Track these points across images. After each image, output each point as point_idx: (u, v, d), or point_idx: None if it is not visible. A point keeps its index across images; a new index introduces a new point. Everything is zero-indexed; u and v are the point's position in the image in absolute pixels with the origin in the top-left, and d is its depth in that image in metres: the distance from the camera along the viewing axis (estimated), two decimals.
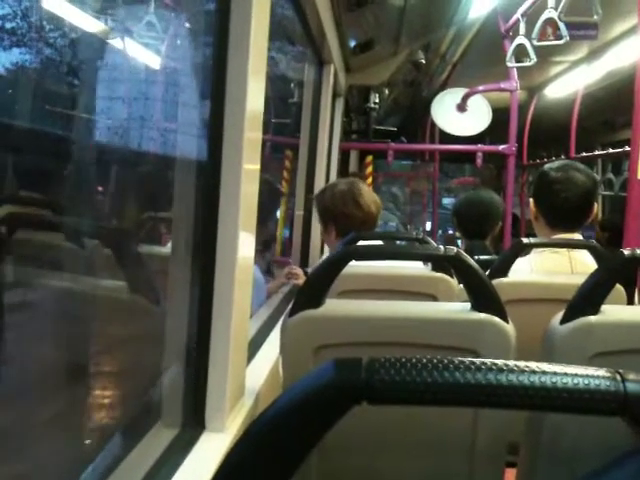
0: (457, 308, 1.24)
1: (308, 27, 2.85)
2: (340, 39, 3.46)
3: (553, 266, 1.98)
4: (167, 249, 1.79)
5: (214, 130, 1.19)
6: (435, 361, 0.48)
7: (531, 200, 2.14)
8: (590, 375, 0.47)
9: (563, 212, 2.03)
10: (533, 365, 0.47)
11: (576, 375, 0.47)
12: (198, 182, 1.22)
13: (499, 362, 0.47)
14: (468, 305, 1.23)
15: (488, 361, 0.48)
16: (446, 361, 0.48)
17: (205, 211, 1.20)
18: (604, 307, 1.22)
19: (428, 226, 8.97)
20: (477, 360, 0.48)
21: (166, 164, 1.35)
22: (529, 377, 0.45)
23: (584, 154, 5.15)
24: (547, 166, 2.12)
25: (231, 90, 1.17)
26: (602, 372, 0.47)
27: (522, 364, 0.47)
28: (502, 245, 4.05)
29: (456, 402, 0.48)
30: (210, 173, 1.19)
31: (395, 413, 1.19)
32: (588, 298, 1.23)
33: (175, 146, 1.27)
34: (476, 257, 2.11)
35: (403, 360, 0.48)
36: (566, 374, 0.46)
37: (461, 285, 1.75)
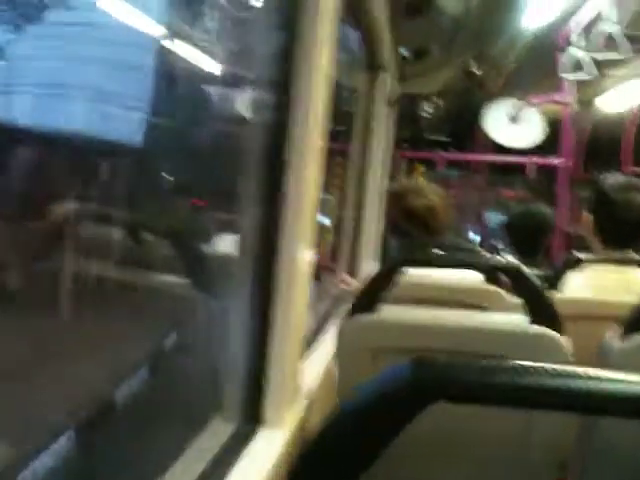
0: (514, 320, 1.25)
1: (365, 35, 2.88)
2: (395, 47, 3.48)
3: (607, 283, 1.97)
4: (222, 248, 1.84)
5: (278, 134, 1.23)
6: (508, 365, 0.51)
7: (587, 215, 2.12)
8: None
9: (620, 233, 2.03)
10: (608, 374, 0.49)
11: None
12: (264, 185, 1.26)
13: (571, 369, 0.49)
14: (525, 317, 1.24)
15: (560, 367, 0.50)
16: (520, 366, 0.51)
17: (269, 212, 1.23)
18: None
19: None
20: (549, 366, 0.50)
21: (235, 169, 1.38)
22: (601, 384, 0.48)
23: (638, 170, 5.06)
24: (606, 185, 2.09)
25: (297, 94, 1.20)
26: None
27: (593, 372, 0.49)
28: (551, 260, 4.00)
29: (528, 405, 0.50)
30: (274, 176, 1.23)
31: (450, 423, 1.21)
32: None
33: (242, 151, 1.31)
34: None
35: (478, 363, 0.51)
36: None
37: (513, 299, 1.76)
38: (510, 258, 2.95)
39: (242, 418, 1.20)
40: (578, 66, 3.59)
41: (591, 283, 1.97)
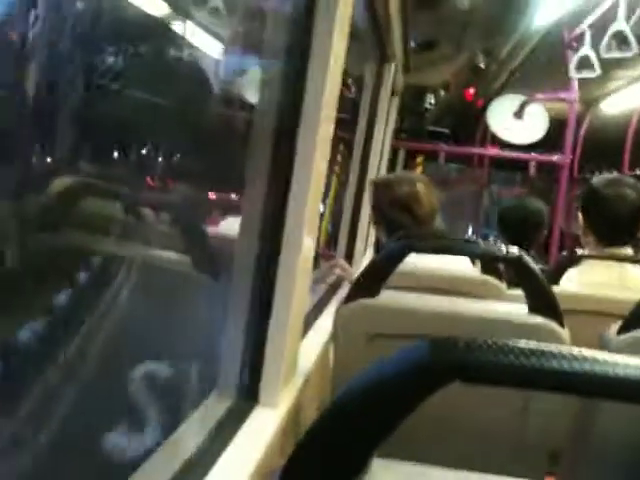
0: (514, 309, 1.25)
1: (374, 24, 2.86)
2: (403, 38, 3.47)
3: (604, 279, 1.98)
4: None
5: (290, 123, 1.22)
6: (527, 346, 0.50)
7: (579, 214, 2.14)
8: None
9: (613, 228, 2.05)
10: (624, 359, 0.48)
11: None
12: (270, 166, 1.25)
13: (589, 353, 0.49)
14: (525, 307, 1.24)
15: (577, 350, 0.49)
16: (538, 347, 0.50)
17: (275, 192, 1.23)
18: None
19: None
20: (572, 349, 0.49)
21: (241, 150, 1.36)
22: (622, 369, 0.47)
23: (638, 172, 5.06)
24: (596, 182, 2.13)
25: (311, 83, 1.20)
26: None
27: (610, 356, 0.49)
28: (547, 257, 4.01)
29: (544, 387, 0.50)
30: (282, 161, 1.23)
31: (449, 404, 1.21)
32: None
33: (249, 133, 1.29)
34: None
35: (498, 343, 0.50)
36: None
37: (510, 291, 1.76)
38: None
39: (238, 396, 1.20)
40: (585, 64, 3.58)
41: (588, 279, 1.98)
